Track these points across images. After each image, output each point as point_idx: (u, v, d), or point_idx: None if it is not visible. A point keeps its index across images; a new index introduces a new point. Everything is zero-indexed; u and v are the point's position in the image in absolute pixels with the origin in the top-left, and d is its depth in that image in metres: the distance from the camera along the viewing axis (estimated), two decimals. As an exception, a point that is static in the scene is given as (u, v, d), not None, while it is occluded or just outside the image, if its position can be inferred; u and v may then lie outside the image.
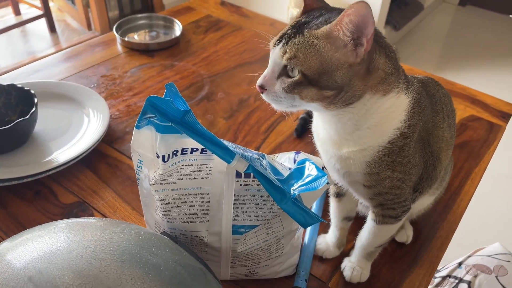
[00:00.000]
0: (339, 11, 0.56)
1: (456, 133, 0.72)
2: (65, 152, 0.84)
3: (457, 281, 1.01)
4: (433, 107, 0.63)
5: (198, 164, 0.57)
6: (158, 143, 0.55)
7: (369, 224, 0.66)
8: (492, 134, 0.99)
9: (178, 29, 1.28)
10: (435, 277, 1.05)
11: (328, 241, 0.73)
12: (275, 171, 0.57)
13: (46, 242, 0.41)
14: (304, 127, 0.96)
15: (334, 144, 0.60)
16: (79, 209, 0.77)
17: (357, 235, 0.69)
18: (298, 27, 0.55)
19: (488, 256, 1.06)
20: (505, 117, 1.04)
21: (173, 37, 1.25)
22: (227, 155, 0.52)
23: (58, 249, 0.39)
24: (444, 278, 1.04)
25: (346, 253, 0.72)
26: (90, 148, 0.85)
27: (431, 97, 0.64)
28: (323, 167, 0.61)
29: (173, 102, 0.52)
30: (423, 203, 0.72)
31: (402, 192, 0.61)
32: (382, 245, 0.68)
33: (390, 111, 0.56)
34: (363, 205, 0.71)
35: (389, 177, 0.58)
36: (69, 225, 0.45)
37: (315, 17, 0.56)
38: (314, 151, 0.67)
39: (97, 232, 0.43)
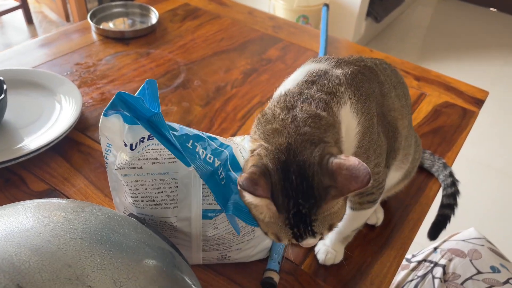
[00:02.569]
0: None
1: (414, 107, 0.72)
2: (36, 139, 0.83)
3: (432, 265, 1.02)
4: (377, 79, 0.63)
5: (165, 148, 0.57)
6: (126, 133, 0.54)
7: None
8: (465, 119, 1.00)
9: (154, 17, 1.26)
10: (411, 262, 1.07)
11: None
12: (237, 167, 0.58)
13: (5, 221, 0.40)
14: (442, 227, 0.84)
15: None
16: (50, 196, 0.75)
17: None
18: (296, 221, 0.50)
19: (463, 240, 1.08)
20: (478, 103, 1.06)
21: (149, 25, 1.23)
22: (185, 163, 0.55)
23: (16, 228, 0.38)
24: (419, 262, 1.05)
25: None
26: (62, 135, 0.83)
27: (370, 72, 0.63)
28: None
29: (145, 101, 0.52)
30: (392, 178, 0.72)
31: (379, 176, 0.61)
32: (358, 228, 0.69)
33: (347, 126, 0.56)
34: None
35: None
36: (33, 206, 0.44)
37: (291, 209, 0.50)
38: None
39: (58, 211, 0.42)
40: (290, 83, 0.59)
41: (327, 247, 0.69)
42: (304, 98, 0.54)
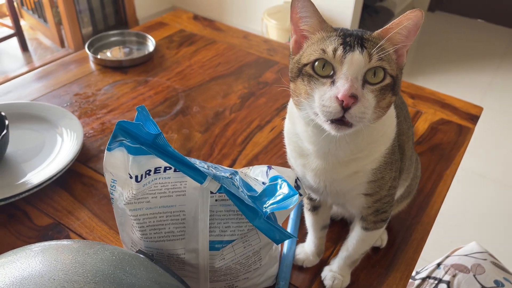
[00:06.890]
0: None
1: (425, 137, 0.73)
2: (38, 173, 0.83)
3: (436, 281, 1.02)
4: None
5: (172, 182, 0.57)
6: (131, 165, 0.55)
7: (357, 233, 0.66)
8: (462, 136, 1.02)
9: (151, 44, 1.28)
10: (415, 279, 1.07)
11: (307, 250, 0.73)
12: (248, 187, 0.57)
13: (18, 267, 0.40)
14: None
15: (340, 167, 0.57)
16: (55, 231, 0.76)
17: (333, 241, 0.70)
18: (350, 35, 0.52)
19: (466, 255, 1.08)
20: (473, 119, 1.08)
21: (146, 53, 1.25)
22: (199, 176, 0.53)
23: (30, 274, 0.39)
24: (424, 279, 1.06)
25: (324, 260, 0.73)
26: (64, 168, 0.84)
27: None
28: (297, 179, 0.62)
29: (144, 126, 0.53)
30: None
31: (395, 191, 0.63)
32: (367, 250, 0.69)
33: (390, 112, 0.58)
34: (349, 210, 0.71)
35: (390, 177, 0.60)
36: (43, 249, 0.45)
37: (346, 31, 0.54)
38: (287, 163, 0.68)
39: (70, 254, 0.43)
40: None
41: (334, 272, 0.69)
42: None
